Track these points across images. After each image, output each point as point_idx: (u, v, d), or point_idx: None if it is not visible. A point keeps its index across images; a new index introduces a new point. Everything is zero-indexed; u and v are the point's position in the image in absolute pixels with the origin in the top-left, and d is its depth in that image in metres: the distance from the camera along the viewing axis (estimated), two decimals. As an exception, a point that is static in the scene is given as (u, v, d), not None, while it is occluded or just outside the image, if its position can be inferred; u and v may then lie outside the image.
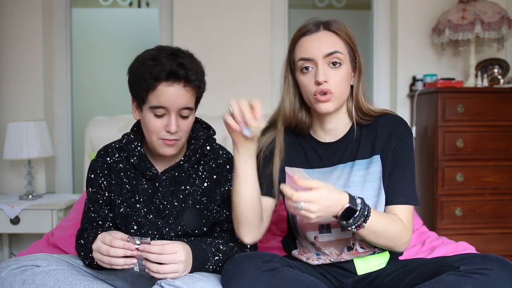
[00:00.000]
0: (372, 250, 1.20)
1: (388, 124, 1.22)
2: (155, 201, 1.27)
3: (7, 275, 1.07)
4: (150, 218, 1.26)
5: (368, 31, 3.19)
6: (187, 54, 1.21)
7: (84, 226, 1.31)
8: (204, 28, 2.79)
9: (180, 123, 1.19)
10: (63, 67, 2.92)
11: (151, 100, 1.16)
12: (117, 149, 1.32)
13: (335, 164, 1.23)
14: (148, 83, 1.14)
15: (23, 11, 2.73)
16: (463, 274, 0.97)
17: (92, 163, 1.33)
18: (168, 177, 1.28)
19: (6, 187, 2.79)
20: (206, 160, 1.31)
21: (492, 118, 2.49)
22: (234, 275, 1.02)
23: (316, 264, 1.24)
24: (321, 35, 1.17)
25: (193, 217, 1.26)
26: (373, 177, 1.19)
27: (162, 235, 1.25)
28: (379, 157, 1.20)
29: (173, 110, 1.17)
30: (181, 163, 1.28)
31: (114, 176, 1.29)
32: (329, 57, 1.15)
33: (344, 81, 1.17)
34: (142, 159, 1.28)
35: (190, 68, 1.17)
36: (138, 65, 1.18)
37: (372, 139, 1.22)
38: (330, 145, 1.25)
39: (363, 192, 1.18)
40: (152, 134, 1.20)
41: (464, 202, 2.49)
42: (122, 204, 1.27)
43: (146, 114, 1.19)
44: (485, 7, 2.52)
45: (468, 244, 1.63)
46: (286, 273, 1.04)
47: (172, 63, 1.14)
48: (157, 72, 1.13)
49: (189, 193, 1.27)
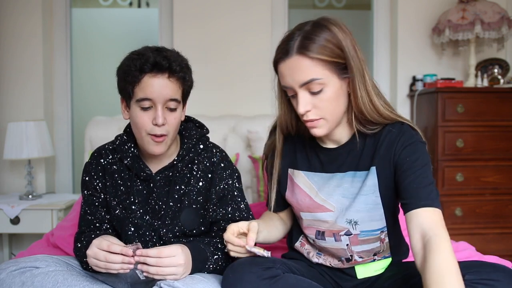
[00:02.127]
0: (372, 258, 1.18)
1: (390, 135, 1.10)
2: (151, 202, 1.26)
3: (6, 277, 1.07)
4: (147, 219, 1.25)
5: (368, 31, 3.19)
6: (172, 50, 1.23)
7: (81, 229, 1.29)
8: (204, 28, 2.79)
9: (167, 116, 1.19)
10: (63, 67, 2.92)
11: (137, 93, 1.17)
12: (110, 150, 1.31)
13: (335, 171, 1.17)
14: (133, 76, 1.15)
15: (23, 11, 2.73)
16: (468, 284, 0.90)
17: (86, 166, 1.32)
18: (162, 177, 1.27)
19: (6, 187, 2.79)
20: (200, 159, 1.30)
21: (492, 118, 2.49)
22: (234, 284, 1.00)
23: (316, 262, 1.23)
24: (293, 62, 1.04)
25: (190, 217, 1.25)
26: (367, 190, 1.11)
27: (159, 236, 1.24)
28: (374, 169, 1.11)
29: (159, 101, 1.17)
30: (175, 163, 1.27)
31: (108, 177, 1.28)
32: (306, 85, 1.04)
33: (331, 103, 1.06)
34: (135, 160, 1.27)
35: (174, 60, 1.18)
36: (123, 62, 1.20)
37: (374, 149, 1.12)
38: (332, 151, 1.18)
39: (354, 204, 1.12)
40: (140, 130, 1.19)
41: (464, 202, 2.49)
42: (118, 206, 1.27)
43: (134, 110, 1.19)
44: (485, 7, 2.53)
45: (468, 244, 1.63)
46: (288, 279, 1.02)
47: (156, 55, 1.16)
48: (141, 64, 1.14)
49: (185, 193, 1.26)
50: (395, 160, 1.08)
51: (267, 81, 2.80)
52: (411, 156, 1.06)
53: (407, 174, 1.05)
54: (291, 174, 1.24)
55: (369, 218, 1.13)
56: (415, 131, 1.11)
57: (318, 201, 1.17)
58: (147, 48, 1.20)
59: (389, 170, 1.10)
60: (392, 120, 1.12)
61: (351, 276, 1.20)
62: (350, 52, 1.05)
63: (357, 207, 1.12)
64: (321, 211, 1.16)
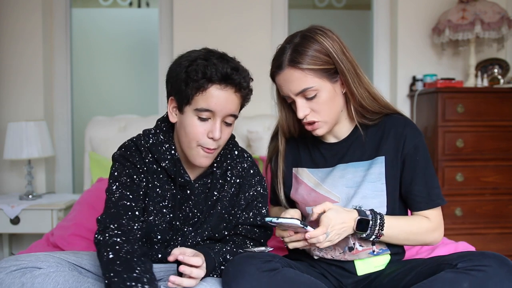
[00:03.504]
0: (371, 249, 1.20)
1: (395, 127, 1.20)
2: (185, 209, 1.21)
3: (5, 277, 1.04)
4: (177, 225, 1.20)
5: (368, 31, 3.20)
6: (235, 60, 1.16)
7: (113, 215, 1.11)
8: (204, 28, 2.79)
9: (223, 130, 1.14)
10: (63, 67, 2.92)
11: (198, 101, 1.10)
12: (146, 148, 1.21)
13: (337, 163, 1.24)
14: (198, 83, 1.08)
15: (23, 11, 2.73)
16: (461, 271, 0.98)
17: (126, 156, 1.18)
18: (200, 184, 1.22)
19: (6, 187, 2.79)
20: (233, 165, 1.27)
21: (492, 118, 2.49)
22: (234, 276, 1.02)
23: (317, 258, 1.24)
24: (286, 75, 1.14)
25: (220, 223, 1.24)
26: (374, 178, 1.18)
27: (186, 240, 1.21)
28: (383, 159, 1.19)
29: (220, 115, 1.11)
30: (214, 170, 1.23)
31: (150, 178, 1.20)
32: (302, 93, 1.14)
33: (327, 104, 1.15)
34: (175, 164, 1.20)
35: (243, 74, 1.13)
36: (186, 63, 1.11)
37: (378, 140, 1.21)
38: (334, 145, 1.26)
39: (359, 191, 1.18)
40: (191, 139, 1.13)
41: (464, 202, 2.49)
42: (152, 211, 1.20)
43: (189, 117, 1.12)
44: (485, 7, 2.53)
45: (468, 244, 1.63)
46: (287, 273, 1.04)
47: (226, 66, 1.09)
48: (211, 73, 1.07)
49: (218, 199, 1.23)
50: (404, 154, 1.19)
51: (267, 81, 2.78)
52: (418, 155, 1.19)
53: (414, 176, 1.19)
54: (296, 173, 1.30)
55: (372, 205, 1.18)
56: (413, 123, 1.23)
57: (323, 192, 1.22)
58: (210, 52, 1.13)
59: (397, 161, 1.19)
60: (391, 110, 1.23)
61: (351, 273, 1.22)
62: (339, 57, 1.13)
63: (362, 193, 1.18)
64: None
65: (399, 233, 1.16)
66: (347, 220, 1.10)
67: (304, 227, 1.05)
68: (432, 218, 1.21)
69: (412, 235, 1.19)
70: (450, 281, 0.97)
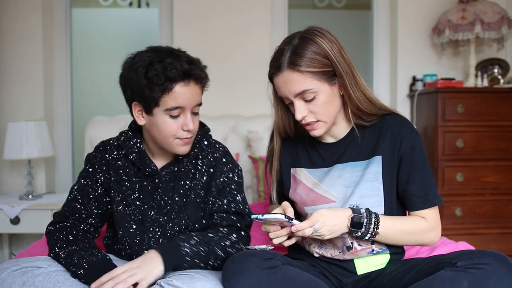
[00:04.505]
0: (370, 248, 1.21)
1: (392, 127, 1.21)
2: (156, 198, 1.27)
3: (7, 277, 1.06)
4: (151, 215, 1.26)
5: (368, 31, 3.20)
6: (182, 51, 1.22)
7: (65, 213, 1.28)
8: (204, 28, 2.79)
9: (193, 120, 1.22)
10: (63, 67, 2.92)
11: (167, 102, 1.16)
12: (115, 146, 1.32)
13: (335, 163, 1.25)
14: (163, 86, 1.14)
15: (23, 11, 2.73)
16: (461, 270, 0.98)
17: (90, 158, 1.32)
18: (167, 172, 1.28)
19: (6, 187, 2.79)
20: (204, 155, 1.32)
21: (492, 118, 2.49)
22: (234, 273, 1.03)
23: (317, 256, 1.25)
24: (285, 76, 1.14)
25: (196, 211, 1.27)
26: (371, 177, 1.19)
27: (164, 231, 1.26)
28: (380, 158, 1.20)
29: (188, 108, 1.19)
30: (181, 158, 1.29)
31: (113, 173, 1.29)
32: (300, 95, 1.15)
33: (325, 106, 1.16)
34: (141, 155, 1.28)
35: (198, 64, 1.20)
36: (142, 69, 1.15)
37: (375, 140, 1.22)
38: (331, 146, 1.27)
39: (357, 190, 1.19)
40: (168, 136, 1.20)
41: (464, 202, 2.49)
42: (121, 202, 1.27)
43: (160, 117, 1.18)
44: (485, 7, 2.53)
45: (468, 244, 1.63)
46: (287, 271, 1.05)
47: (182, 62, 1.15)
48: (172, 74, 1.13)
49: (190, 188, 1.28)
50: (400, 153, 1.20)
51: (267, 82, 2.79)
52: (415, 155, 1.19)
53: (411, 176, 1.19)
54: (294, 173, 1.31)
55: (370, 204, 1.18)
56: (410, 122, 1.24)
57: (321, 192, 1.23)
58: (158, 52, 1.17)
59: (393, 161, 1.20)
60: (387, 110, 1.24)
61: (351, 272, 1.22)
62: (337, 59, 1.14)
63: (360, 193, 1.19)
64: (324, 202, 1.22)
65: (395, 233, 1.17)
66: (340, 216, 1.11)
67: (290, 221, 1.07)
68: (428, 218, 1.21)
69: (408, 234, 1.19)
70: (450, 279, 0.98)
